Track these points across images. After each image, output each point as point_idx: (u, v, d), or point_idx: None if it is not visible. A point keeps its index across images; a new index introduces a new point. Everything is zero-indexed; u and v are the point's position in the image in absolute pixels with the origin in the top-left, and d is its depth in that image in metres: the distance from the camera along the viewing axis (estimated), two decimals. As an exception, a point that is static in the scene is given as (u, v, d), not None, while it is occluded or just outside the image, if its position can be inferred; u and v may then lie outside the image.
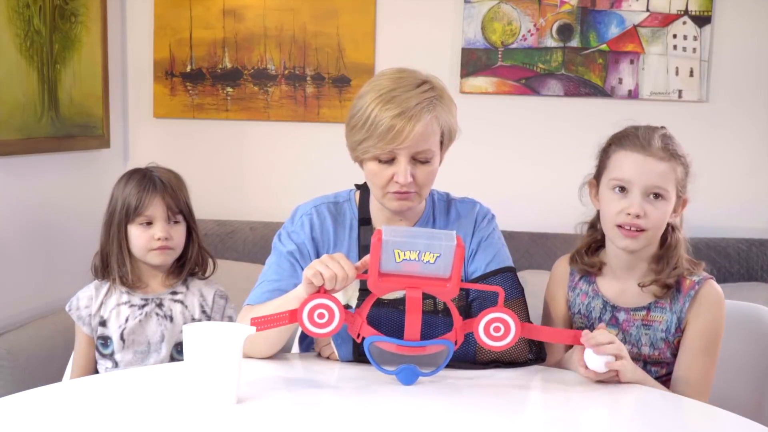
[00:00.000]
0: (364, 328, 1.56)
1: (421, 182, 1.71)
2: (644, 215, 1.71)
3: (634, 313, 1.78)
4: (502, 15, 3.06)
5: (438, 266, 1.52)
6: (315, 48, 3.14)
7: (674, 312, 1.75)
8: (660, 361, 1.77)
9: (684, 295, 1.75)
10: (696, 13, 3.00)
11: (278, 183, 3.16)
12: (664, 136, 1.76)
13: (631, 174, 1.72)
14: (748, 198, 3.05)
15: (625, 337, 1.78)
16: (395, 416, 1.45)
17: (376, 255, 1.51)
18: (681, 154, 1.75)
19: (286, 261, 1.77)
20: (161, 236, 1.94)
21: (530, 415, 1.53)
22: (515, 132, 3.13)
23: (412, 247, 1.50)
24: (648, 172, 1.71)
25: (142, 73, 3.21)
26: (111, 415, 1.41)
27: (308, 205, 1.83)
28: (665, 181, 1.72)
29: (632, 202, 1.71)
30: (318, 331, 1.53)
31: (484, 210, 1.88)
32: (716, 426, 1.50)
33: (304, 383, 1.63)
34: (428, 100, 1.67)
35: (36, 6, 2.54)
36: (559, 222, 3.00)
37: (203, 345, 1.42)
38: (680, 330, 1.75)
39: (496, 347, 1.59)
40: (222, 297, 2.04)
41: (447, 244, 1.50)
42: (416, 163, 1.69)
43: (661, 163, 1.72)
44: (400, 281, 1.54)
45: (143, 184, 1.96)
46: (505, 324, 1.57)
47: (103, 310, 1.98)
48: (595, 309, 1.82)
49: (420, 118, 1.65)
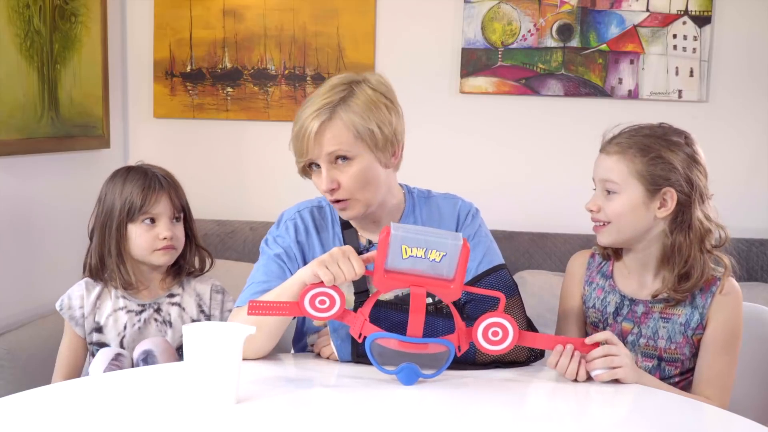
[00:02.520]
0: (367, 327, 1.56)
1: (348, 186, 1.71)
2: (598, 209, 1.76)
3: (653, 305, 1.78)
4: (502, 15, 3.06)
5: (443, 265, 1.53)
6: (315, 48, 3.14)
7: (695, 307, 1.75)
8: (675, 358, 1.77)
9: (706, 291, 1.75)
10: (696, 13, 3.00)
11: (278, 183, 3.15)
12: (632, 132, 1.77)
13: (594, 172, 1.80)
14: (748, 198, 3.05)
15: (641, 330, 1.78)
16: (395, 416, 1.45)
17: (383, 251, 1.52)
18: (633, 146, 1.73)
19: (274, 263, 1.78)
20: (167, 235, 1.90)
21: (531, 415, 1.53)
22: (515, 132, 3.13)
23: (419, 244, 1.51)
24: (599, 167, 1.79)
25: (142, 73, 3.21)
26: (111, 415, 1.41)
27: (292, 210, 1.86)
28: (614, 173, 1.74)
29: (591, 199, 1.79)
30: (319, 315, 1.54)
31: (466, 206, 1.88)
32: (717, 427, 1.50)
33: (304, 383, 1.63)
34: (325, 106, 1.68)
35: (36, 6, 2.54)
36: (559, 222, 3.00)
37: (203, 345, 1.42)
38: (702, 327, 1.75)
39: (495, 351, 1.59)
40: (218, 292, 2.01)
41: (454, 243, 1.52)
42: (338, 166, 1.70)
43: (609, 157, 1.76)
44: (405, 279, 1.54)
45: (147, 182, 1.91)
46: (503, 328, 1.58)
47: (98, 316, 1.94)
48: (610, 303, 1.82)
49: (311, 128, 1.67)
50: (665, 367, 1.79)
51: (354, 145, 1.69)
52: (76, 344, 1.97)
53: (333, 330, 1.70)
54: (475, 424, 1.41)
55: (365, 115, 1.69)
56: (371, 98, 1.71)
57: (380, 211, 1.81)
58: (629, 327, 1.80)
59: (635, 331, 1.79)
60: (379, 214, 1.81)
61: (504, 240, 2.92)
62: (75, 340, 1.97)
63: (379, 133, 1.70)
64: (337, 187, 1.71)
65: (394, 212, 1.83)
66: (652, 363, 1.78)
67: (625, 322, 1.80)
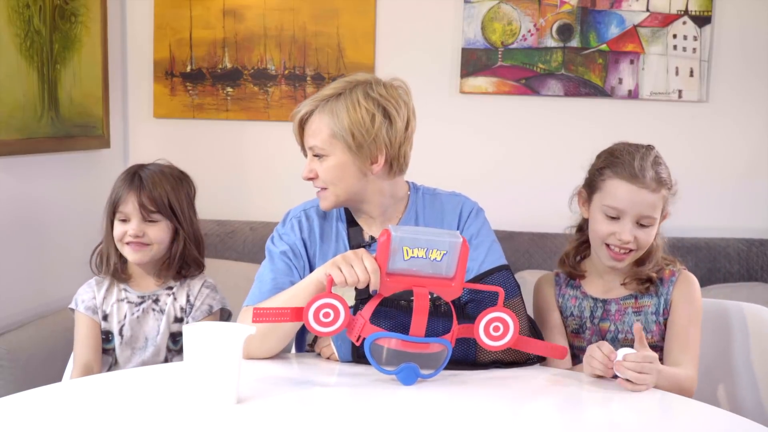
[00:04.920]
0: (367, 328, 1.56)
1: (323, 177, 1.78)
2: (633, 240, 1.82)
3: (624, 302, 1.87)
4: (502, 15, 3.06)
5: (443, 264, 1.54)
6: (315, 48, 3.14)
7: (660, 295, 1.86)
8: (654, 344, 1.82)
9: (667, 281, 1.87)
10: (696, 13, 3.00)
11: (278, 183, 3.15)
12: (656, 163, 1.84)
13: (624, 205, 1.82)
14: (747, 198, 3.05)
15: (617, 326, 1.86)
16: (395, 416, 1.46)
17: (384, 254, 1.52)
18: (668, 180, 1.85)
19: (280, 261, 1.80)
20: (132, 233, 1.97)
21: (530, 415, 1.53)
22: (515, 132, 3.13)
23: (420, 244, 1.52)
24: (640, 203, 1.82)
25: (142, 73, 3.21)
26: (111, 415, 1.41)
27: (298, 209, 1.89)
28: (655, 210, 1.83)
29: (623, 229, 1.82)
30: (323, 330, 1.55)
31: (470, 204, 1.89)
32: (716, 426, 1.50)
33: (304, 383, 1.63)
34: (323, 96, 1.77)
35: (36, 6, 2.54)
36: (559, 222, 2.97)
37: (203, 345, 1.42)
38: (667, 311, 1.85)
39: (496, 347, 1.61)
40: (208, 287, 2.06)
41: (453, 241, 1.53)
42: (316, 159, 1.79)
43: (653, 194, 1.82)
44: (407, 281, 1.55)
45: (126, 180, 2.01)
46: (504, 323, 1.59)
47: (105, 305, 2.03)
48: (585, 308, 1.90)
49: (301, 117, 1.78)
50: None
51: (328, 143, 1.76)
52: (94, 331, 2.02)
53: None
54: (475, 424, 1.41)
55: (342, 117, 1.74)
56: (357, 103, 1.74)
57: (378, 210, 1.82)
58: (606, 326, 1.87)
59: (612, 328, 1.86)
60: (380, 213, 1.82)
61: (504, 240, 2.89)
62: (93, 328, 2.02)
63: (351, 139, 1.74)
64: (315, 177, 1.79)
65: (395, 212, 1.84)
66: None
67: (602, 322, 1.88)
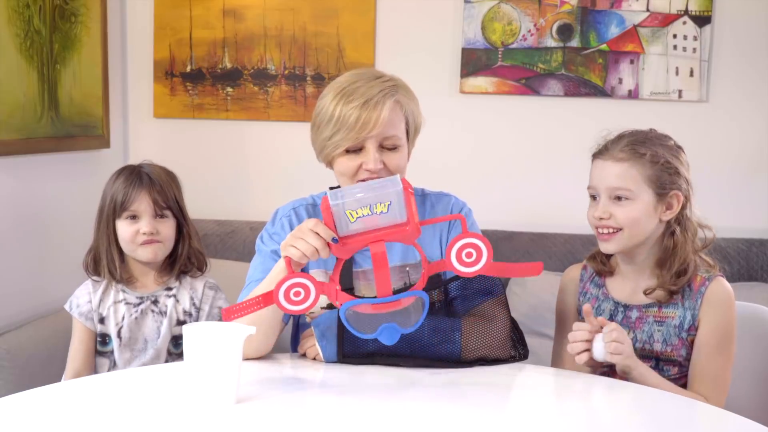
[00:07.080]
0: (340, 296, 1.52)
1: (392, 169, 1.74)
2: (610, 216, 1.76)
3: (646, 309, 1.79)
4: (502, 15, 3.06)
5: (392, 213, 1.50)
6: (315, 48, 3.14)
7: (687, 308, 1.76)
8: (672, 359, 1.77)
9: (695, 292, 1.76)
10: (696, 13, 3.00)
11: (278, 183, 3.15)
12: (633, 139, 1.78)
13: (596, 180, 1.79)
14: (747, 198, 3.05)
15: (636, 335, 1.79)
16: (395, 415, 1.46)
17: (330, 222, 1.51)
18: (646, 152, 1.76)
19: (270, 260, 1.79)
20: (146, 230, 1.97)
21: (522, 414, 1.53)
22: (515, 132, 3.13)
23: (362, 203, 1.49)
24: (607, 175, 1.77)
25: (142, 73, 3.21)
26: (111, 415, 1.41)
27: (287, 207, 1.88)
28: (624, 180, 1.75)
29: (598, 207, 1.78)
30: (295, 308, 1.51)
31: (459, 203, 1.88)
32: (717, 427, 1.50)
33: (304, 383, 1.63)
34: (389, 87, 1.74)
35: (36, 6, 2.54)
36: (559, 222, 3.00)
37: (203, 345, 1.43)
38: (694, 328, 1.76)
39: (469, 273, 1.54)
40: (212, 288, 2.07)
41: (394, 189, 1.49)
42: (384, 150, 1.74)
43: (618, 164, 1.76)
44: (361, 239, 1.52)
45: (131, 179, 2.00)
46: (477, 249, 1.53)
47: (101, 308, 2.02)
48: (605, 311, 1.83)
49: (384, 104, 1.71)
50: (663, 367, 1.79)
51: (403, 131, 1.77)
52: (87, 338, 2.03)
53: (317, 331, 1.70)
54: (472, 423, 1.41)
55: (417, 106, 1.79)
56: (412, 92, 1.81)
57: None
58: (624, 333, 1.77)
59: (630, 336, 1.79)
60: None
61: (504, 240, 2.92)
62: (86, 335, 2.03)
63: (419, 126, 1.80)
64: (383, 167, 1.74)
65: None
66: (650, 364, 1.78)
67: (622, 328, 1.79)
